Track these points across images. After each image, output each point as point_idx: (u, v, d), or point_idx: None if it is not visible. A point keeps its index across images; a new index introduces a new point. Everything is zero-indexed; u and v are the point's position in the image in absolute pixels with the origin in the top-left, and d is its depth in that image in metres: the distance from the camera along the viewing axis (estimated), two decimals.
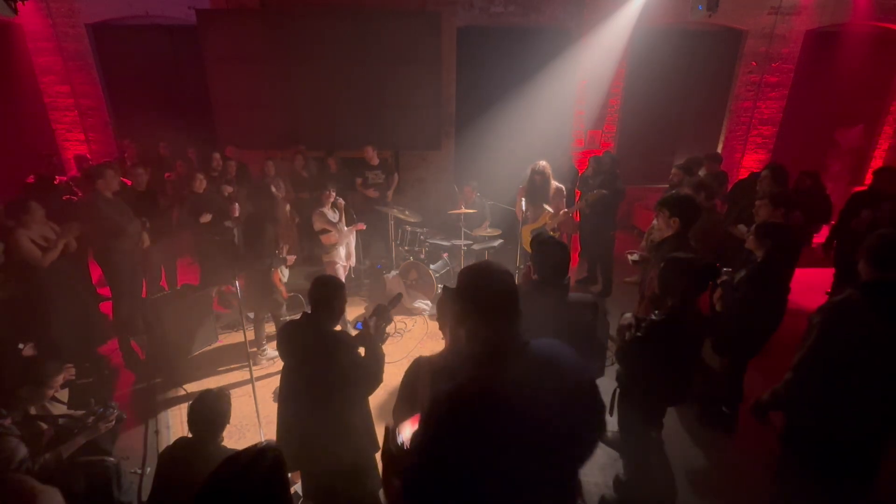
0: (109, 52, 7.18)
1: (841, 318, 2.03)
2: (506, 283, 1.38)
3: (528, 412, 1.05)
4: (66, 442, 2.44)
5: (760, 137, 7.84)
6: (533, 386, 1.22)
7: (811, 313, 2.14)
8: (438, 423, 1.03)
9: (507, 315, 1.35)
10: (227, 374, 4.16)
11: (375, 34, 6.49)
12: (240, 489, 1.18)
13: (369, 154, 6.12)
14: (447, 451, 1.00)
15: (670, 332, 2.36)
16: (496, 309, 1.34)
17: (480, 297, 1.36)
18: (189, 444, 2.22)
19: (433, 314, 5.11)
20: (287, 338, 2.31)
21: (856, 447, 2.11)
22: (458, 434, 0.99)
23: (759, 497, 2.79)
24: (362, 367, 2.26)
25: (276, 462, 1.26)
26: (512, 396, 1.05)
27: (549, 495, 1.17)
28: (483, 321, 1.35)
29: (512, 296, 1.36)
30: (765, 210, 3.39)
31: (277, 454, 1.27)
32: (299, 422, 2.28)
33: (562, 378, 1.30)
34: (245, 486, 1.18)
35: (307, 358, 2.24)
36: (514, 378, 1.25)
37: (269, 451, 1.26)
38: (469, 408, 1.01)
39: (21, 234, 3.57)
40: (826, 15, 7.12)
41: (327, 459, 2.27)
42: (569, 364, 1.34)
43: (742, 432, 3.34)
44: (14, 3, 4.38)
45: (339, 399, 2.22)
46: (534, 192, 4.64)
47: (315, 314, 2.26)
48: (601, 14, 6.83)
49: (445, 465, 1.00)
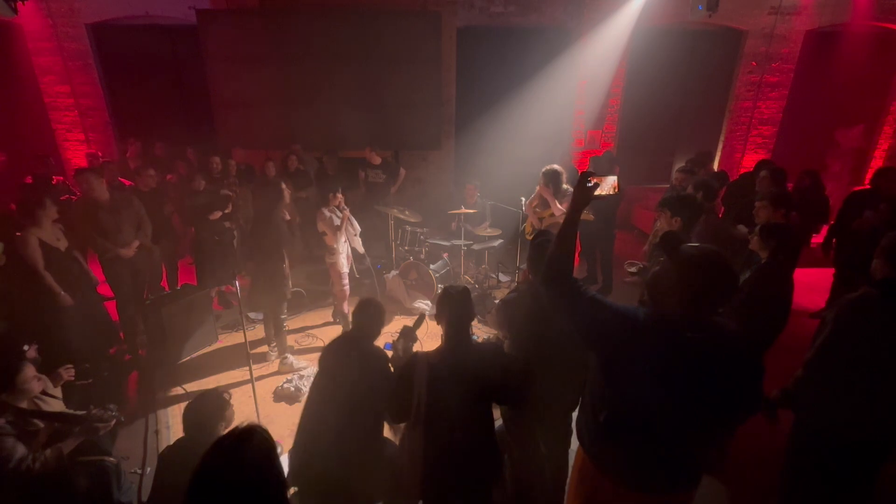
0: (109, 52, 7.18)
1: (855, 315, 2.03)
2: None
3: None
4: (64, 440, 2.43)
5: (760, 137, 7.84)
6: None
7: (819, 311, 2.16)
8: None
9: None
10: (227, 374, 4.16)
11: (375, 34, 6.49)
12: (231, 471, 1.16)
13: (369, 154, 6.13)
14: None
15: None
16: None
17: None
18: (189, 444, 2.22)
19: (433, 314, 5.11)
20: (332, 352, 2.40)
21: (865, 445, 2.10)
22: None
23: (763, 496, 2.79)
24: (381, 394, 2.29)
25: (263, 440, 1.25)
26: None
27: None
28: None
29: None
30: (765, 211, 3.38)
31: (263, 433, 1.26)
32: (326, 431, 2.29)
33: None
34: (236, 467, 1.17)
35: (347, 371, 2.30)
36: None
37: (254, 431, 1.25)
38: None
39: (31, 234, 3.54)
40: (826, 15, 7.12)
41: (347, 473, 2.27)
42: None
43: (745, 431, 3.33)
44: (14, 3, 4.39)
45: (369, 413, 2.29)
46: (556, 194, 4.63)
47: (358, 331, 2.39)
48: (601, 14, 6.83)
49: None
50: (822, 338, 2.10)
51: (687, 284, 1.46)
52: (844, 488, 2.20)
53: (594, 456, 1.74)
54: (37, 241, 3.55)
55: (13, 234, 3.61)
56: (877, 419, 2.04)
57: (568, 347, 2.01)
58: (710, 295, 1.46)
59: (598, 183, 1.66)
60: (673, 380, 1.47)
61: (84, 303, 3.88)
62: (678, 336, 1.47)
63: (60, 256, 3.71)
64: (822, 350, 2.09)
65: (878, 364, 1.99)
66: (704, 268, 1.45)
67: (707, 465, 1.73)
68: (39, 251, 3.56)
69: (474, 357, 2.01)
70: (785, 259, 3.06)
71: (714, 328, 1.50)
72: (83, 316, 3.87)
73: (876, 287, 2.05)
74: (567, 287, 1.61)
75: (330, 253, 4.63)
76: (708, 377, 1.46)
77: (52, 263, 3.63)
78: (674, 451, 1.58)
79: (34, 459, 2.26)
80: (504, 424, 2.53)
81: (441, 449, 1.94)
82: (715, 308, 1.50)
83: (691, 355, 1.46)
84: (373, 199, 6.13)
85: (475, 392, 1.97)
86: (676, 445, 1.57)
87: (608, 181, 1.72)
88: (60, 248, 3.74)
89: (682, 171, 5.03)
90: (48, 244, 3.63)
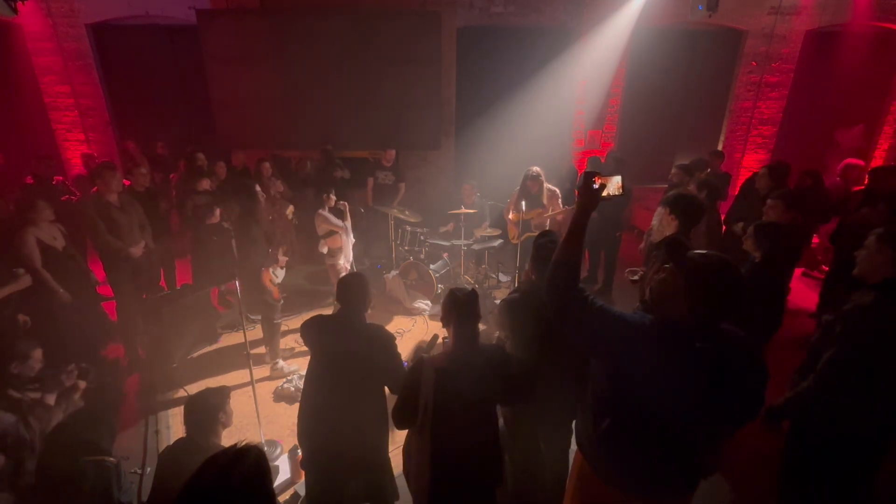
0: (109, 52, 7.17)
1: (865, 323, 2.00)
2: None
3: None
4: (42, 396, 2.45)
5: (760, 137, 7.83)
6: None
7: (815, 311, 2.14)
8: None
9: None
10: (227, 374, 4.16)
11: (375, 34, 6.49)
12: (218, 491, 1.15)
13: (386, 154, 6.21)
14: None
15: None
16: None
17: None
18: (189, 445, 2.22)
19: (433, 314, 5.11)
20: (317, 329, 2.37)
21: (863, 442, 2.10)
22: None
23: (762, 496, 2.79)
24: (389, 373, 2.30)
25: (257, 462, 1.22)
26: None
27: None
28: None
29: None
30: (775, 210, 3.34)
31: (259, 454, 1.24)
32: (326, 409, 2.31)
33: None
34: (224, 488, 1.15)
35: (336, 348, 2.29)
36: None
37: (250, 452, 1.23)
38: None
39: (29, 232, 3.56)
40: (826, 15, 7.12)
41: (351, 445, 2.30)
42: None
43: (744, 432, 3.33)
44: (14, 3, 4.38)
45: (376, 387, 2.31)
46: (529, 198, 4.68)
47: (345, 311, 2.35)
48: (601, 14, 6.83)
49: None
50: (833, 352, 2.04)
51: (694, 293, 1.44)
52: (843, 486, 2.20)
53: (593, 461, 1.73)
54: (34, 240, 3.58)
55: (15, 230, 3.63)
56: (876, 417, 2.04)
57: (570, 348, 2.01)
58: (718, 304, 1.44)
59: (604, 184, 1.61)
60: (679, 388, 1.46)
61: (82, 302, 3.89)
62: (686, 345, 1.46)
63: (57, 255, 3.72)
64: (833, 364, 2.03)
65: (882, 365, 1.97)
66: (712, 276, 1.43)
67: (706, 470, 1.71)
68: (37, 250, 3.58)
69: (481, 361, 1.99)
70: (785, 259, 3.05)
71: (722, 336, 1.49)
72: (80, 315, 3.88)
73: (881, 287, 2.03)
74: (572, 296, 1.55)
75: (330, 254, 4.63)
76: (715, 386, 1.45)
77: (50, 262, 3.65)
78: (674, 456, 1.58)
79: (26, 424, 2.26)
80: (505, 424, 2.53)
81: (448, 452, 1.94)
82: (722, 317, 1.48)
83: (698, 364, 1.45)
84: (380, 201, 6.14)
85: (482, 395, 1.97)
86: (677, 451, 1.57)
87: (613, 181, 1.65)
88: (57, 247, 3.75)
89: (679, 168, 5.01)
90: (45, 243, 3.65)
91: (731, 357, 1.47)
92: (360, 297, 2.35)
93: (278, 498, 2.86)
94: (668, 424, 1.52)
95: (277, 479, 3.01)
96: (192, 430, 2.23)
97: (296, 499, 2.90)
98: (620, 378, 1.55)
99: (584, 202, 1.61)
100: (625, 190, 1.72)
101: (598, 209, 1.64)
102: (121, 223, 4.02)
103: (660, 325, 1.50)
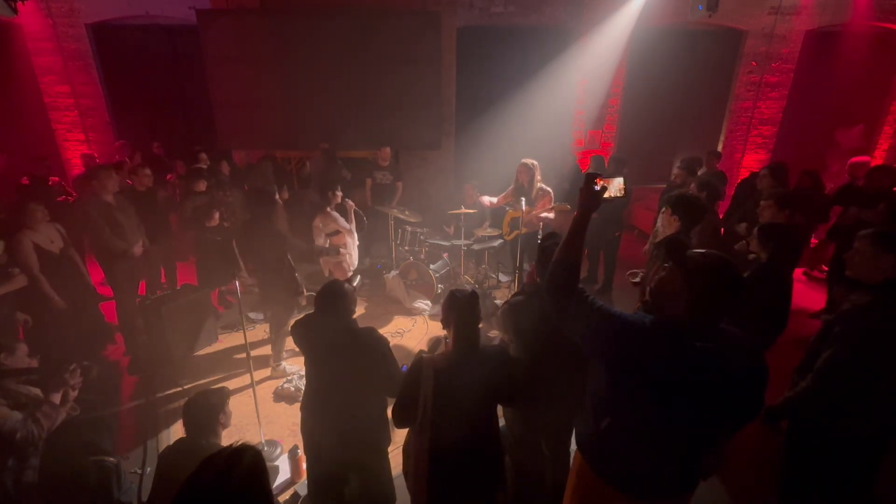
0: (109, 52, 7.18)
1: (863, 323, 2.00)
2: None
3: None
4: (47, 393, 2.43)
5: (760, 137, 7.84)
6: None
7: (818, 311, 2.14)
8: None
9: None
10: (227, 374, 4.16)
11: (375, 34, 6.49)
12: (216, 490, 1.15)
13: (382, 153, 6.20)
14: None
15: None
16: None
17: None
18: (188, 445, 2.22)
19: (433, 314, 5.11)
20: (305, 332, 2.36)
21: (863, 440, 2.10)
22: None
23: (762, 496, 2.79)
24: (385, 381, 2.30)
25: (254, 461, 1.23)
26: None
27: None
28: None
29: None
30: (769, 211, 3.35)
31: (255, 453, 1.24)
32: (323, 411, 2.31)
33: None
34: (221, 487, 1.15)
35: (327, 351, 2.29)
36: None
37: (246, 451, 1.23)
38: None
39: (25, 236, 3.53)
40: (826, 15, 7.12)
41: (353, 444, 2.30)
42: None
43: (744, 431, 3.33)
44: (14, 3, 4.37)
45: (354, 392, 2.29)
46: (519, 190, 4.70)
47: (323, 314, 2.33)
48: (601, 14, 6.83)
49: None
50: (832, 351, 2.05)
51: (694, 292, 1.44)
52: (842, 486, 2.20)
53: (593, 461, 1.73)
54: (30, 243, 3.53)
55: (10, 234, 3.61)
56: (876, 417, 2.04)
57: (573, 350, 2.00)
58: (718, 303, 1.45)
59: (606, 186, 1.60)
60: (679, 388, 1.46)
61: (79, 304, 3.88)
62: (685, 345, 1.46)
63: (54, 259, 3.69)
64: (831, 363, 2.04)
65: (881, 365, 1.98)
66: (712, 275, 1.43)
67: (705, 470, 1.71)
68: (34, 254, 3.54)
69: (481, 362, 1.99)
70: (786, 259, 3.05)
71: (721, 336, 1.49)
72: (77, 317, 3.87)
73: (882, 288, 2.03)
74: (573, 296, 1.57)
75: (335, 253, 4.63)
76: (714, 386, 1.45)
77: (46, 266, 3.61)
78: (674, 456, 1.58)
79: (35, 421, 2.26)
80: (506, 424, 2.53)
81: (447, 453, 1.94)
82: (722, 316, 1.48)
83: (698, 364, 1.45)
84: (379, 201, 6.14)
85: (482, 396, 1.96)
86: (677, 451, 1.57)
87: (615, 183, 1.65)
88: (54, 250, 3.72)
89: (681, 168, 5.02)
90: (42, 247, 3.61)
91: (731, 357, 1.47)
92: (344, 304, 2.33)
93: (278, 498, 2.87)
94: (668, 424, 1.52)
95: (277, 479, 3.01)
96: (191, 430, 2.23)
97: (296, 499, 2.89)
98: (620, 377, 1.55)
99: (585, 203, 1.61)
100: (626, 191, 1.72)
101: (598, 209, 1.64)
102: (122, 223, 4.02)
103: (660, 325, 1.50)
